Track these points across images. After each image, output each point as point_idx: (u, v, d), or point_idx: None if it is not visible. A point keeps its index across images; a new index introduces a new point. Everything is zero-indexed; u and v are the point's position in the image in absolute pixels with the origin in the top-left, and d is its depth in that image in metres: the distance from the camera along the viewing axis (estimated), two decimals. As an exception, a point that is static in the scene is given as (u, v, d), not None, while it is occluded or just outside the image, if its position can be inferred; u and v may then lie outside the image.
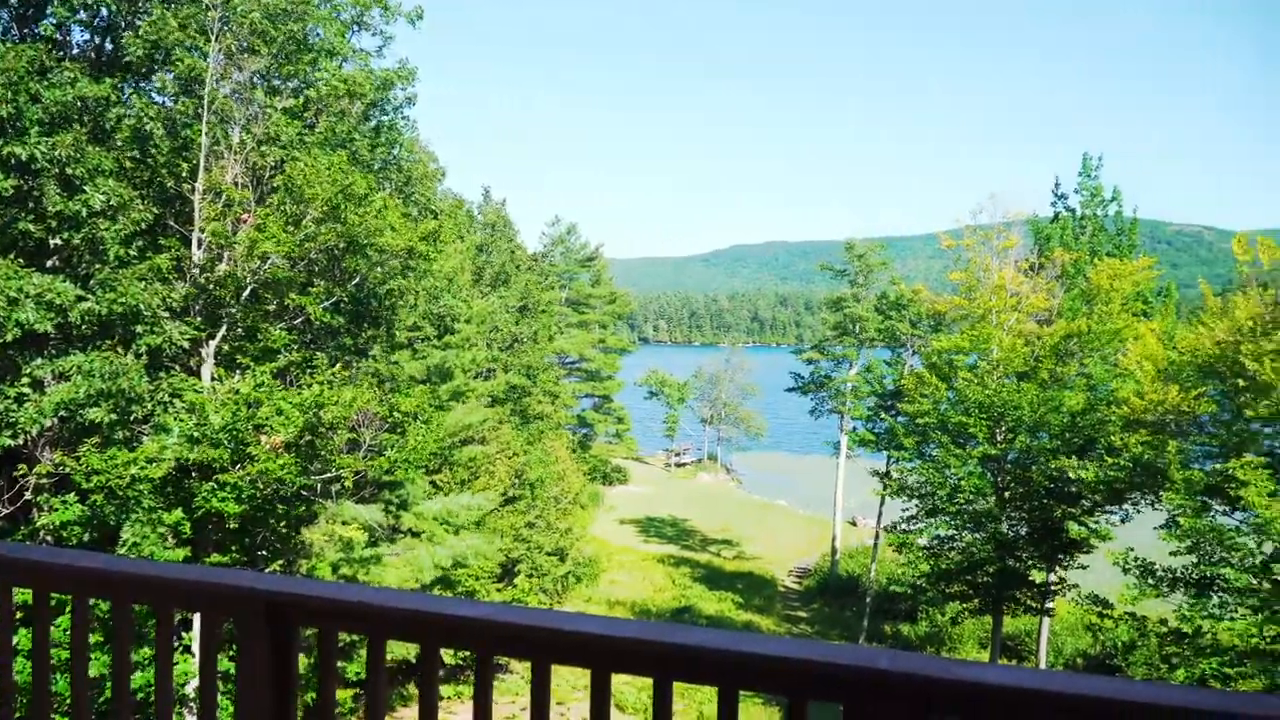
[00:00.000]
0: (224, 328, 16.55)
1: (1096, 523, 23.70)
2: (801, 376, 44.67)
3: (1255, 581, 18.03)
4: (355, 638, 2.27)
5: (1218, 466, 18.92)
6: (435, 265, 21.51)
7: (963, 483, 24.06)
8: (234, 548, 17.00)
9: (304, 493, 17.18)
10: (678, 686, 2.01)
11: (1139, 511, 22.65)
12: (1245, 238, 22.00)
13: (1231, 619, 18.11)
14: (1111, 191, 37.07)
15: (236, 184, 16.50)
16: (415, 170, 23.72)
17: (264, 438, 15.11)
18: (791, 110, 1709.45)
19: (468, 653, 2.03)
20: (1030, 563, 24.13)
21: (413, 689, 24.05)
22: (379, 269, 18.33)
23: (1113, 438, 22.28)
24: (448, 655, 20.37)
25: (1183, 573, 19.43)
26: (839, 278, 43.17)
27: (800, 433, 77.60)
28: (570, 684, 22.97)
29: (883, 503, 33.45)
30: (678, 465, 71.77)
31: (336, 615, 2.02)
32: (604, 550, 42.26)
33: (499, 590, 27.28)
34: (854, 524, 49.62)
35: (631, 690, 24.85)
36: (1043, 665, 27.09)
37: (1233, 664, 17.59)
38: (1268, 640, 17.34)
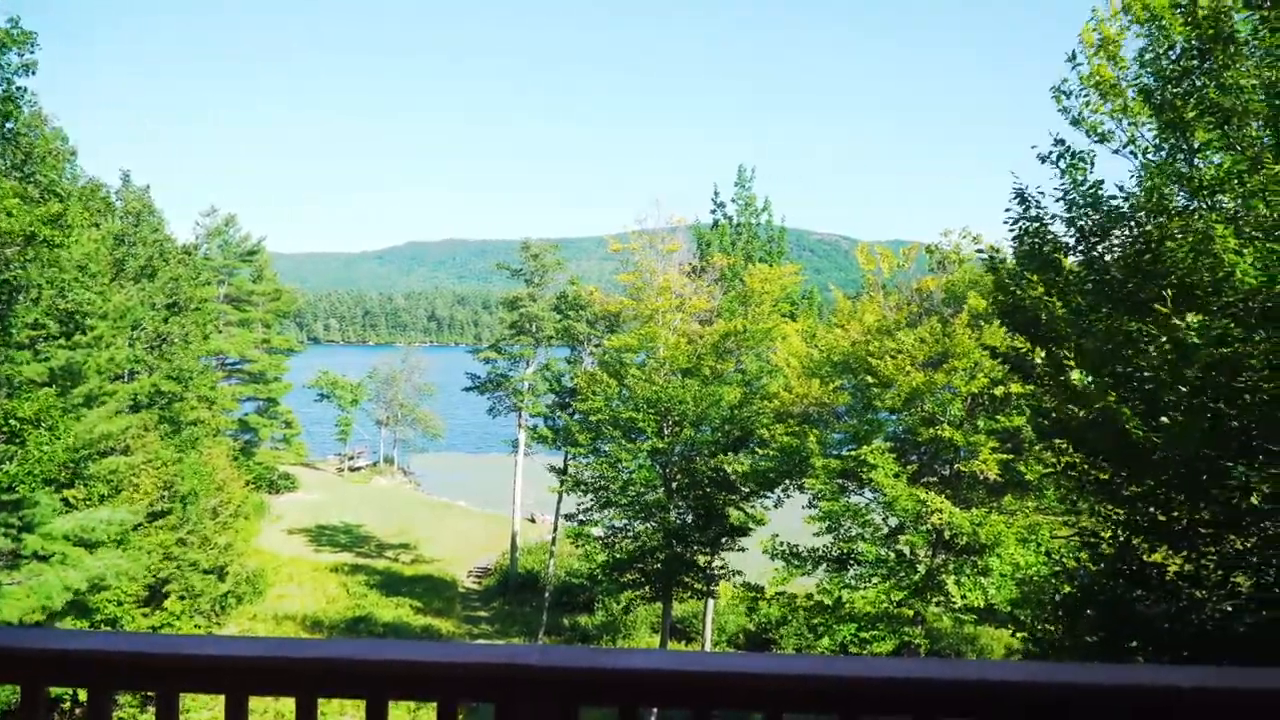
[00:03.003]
0: None
1: (753, 508, 25.60)
2: (479, 376, 44.34)
3: (884, 553, 20.30)
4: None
5: (851, 452, 21.08)
6: (63, 254, 18.80)
7: (634, 475, 24.99)
8: None
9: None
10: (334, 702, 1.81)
11: (788, 496, 24.76)
12: (868, 248, 24.76)
13: (865, 588, 20.26)
14: (763, 201, 40.27)
15: None
16: (37, 147, 20.53)
17: None
18: (469, 109, 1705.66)
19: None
20: (696, 549, 25.55)
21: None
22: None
23: (764, 429, 24.24)
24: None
25: (824, 550, 21.48)
26: (516, 277, 43.36)
27: (479, 432, 77.31)
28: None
29: (560, 498, 34.02)
30: (352, 469, 68.64)
31: None
32: (271, 563, 39.33)
33: (145, 615, 24.42)
34: (533, 520, 50.14)
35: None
36: (708, 644, 28.86)
37: (867, 628, 19.67)
38: (894, 604, 19.60)
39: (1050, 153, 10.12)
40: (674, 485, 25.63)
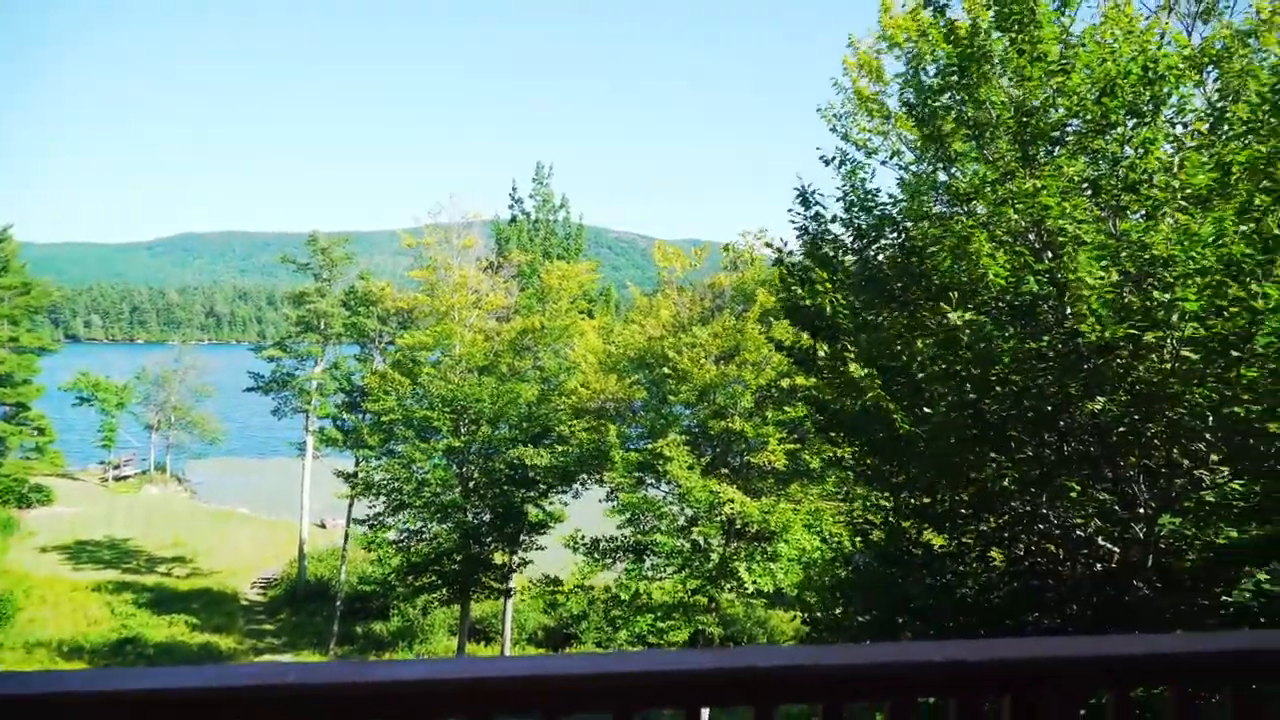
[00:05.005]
0: None
1: (551, 504, 25.63)
2: (262, 375, 41.94)
3: (680, 543, 20.86)
4: None
5: (649, 446, 21.54)
6: None
7: (429, 476, 24.43)
8: None
9: None
10: None
11: (587, 489, 24.98)
12: (664, 246, 25.39)
13: (662, 579, 20.76)
14: (561, 198, 40.42)
15: None
16: None
17: None
18: (250, 94, 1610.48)
19: None
20: (494, 547, 25.29)
21: None
22: None
23: (563, 425, 24.33)
24: None
25: (623, 542, 21.83)
26: (303, 271, 41.31)
27: (262, 435, 73.13)
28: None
29: (352, 502, 32.74)
30: (118, 479, 63.24)
31: None
32: (21, 585, 35.57)
33: None
34: (323, 526, 48.03)
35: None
36: (508, 644, 28.66)
37: (664, 618, 20.15)
38: (690, 593, 20.19)
39: (833, 158, 10.73)
40: (471, 484, 25.26)
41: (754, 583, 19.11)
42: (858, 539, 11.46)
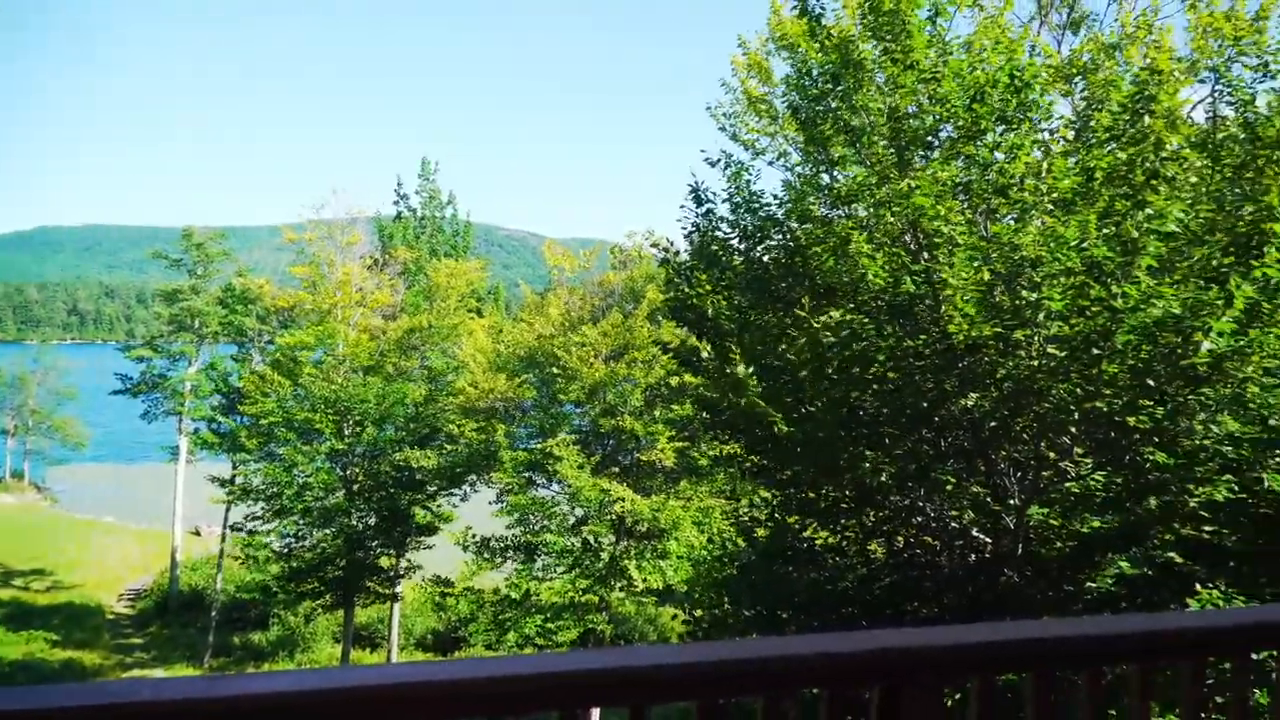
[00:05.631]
0: None
1: (440, 506, 25.18)
2: (131, 377, 39.82)
3: (570, 543, 20.78)
4: None
5: (538, 445, 21.39)
6: None
7: (311, 480, 23.66)
8: None
9: None
10: None
11: (476, 491, 24.62)
12: (554, 245, 25.33)
13: (552, 579, 20.64)
14: (449, 194, 39.77)
15: None
16: None
17: None
18: (115, 78, 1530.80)
19: None
20: (379, 551, 24.68)
21: None
22: None
23: (451, 425, 23.93)
24: None
25: (514, 540, 21.61)
26: (175, 268, 39.40)
27: (131, 439, 69.58)
28: None
29: (229, 508, 31.45)
30: (-32, 488, 59.29)
31: None
32: None
33: None
34: (198, 534, 46.01)
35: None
36: (394, 649, 28.02)
37: (554, 618, 20.03)
38: (580, 593, 20.13)
39: (718, 159, 10.82)
40: (355, 487, 24.58)
41: (644, 580, 19.19)
42: (741, 538, 11.62)
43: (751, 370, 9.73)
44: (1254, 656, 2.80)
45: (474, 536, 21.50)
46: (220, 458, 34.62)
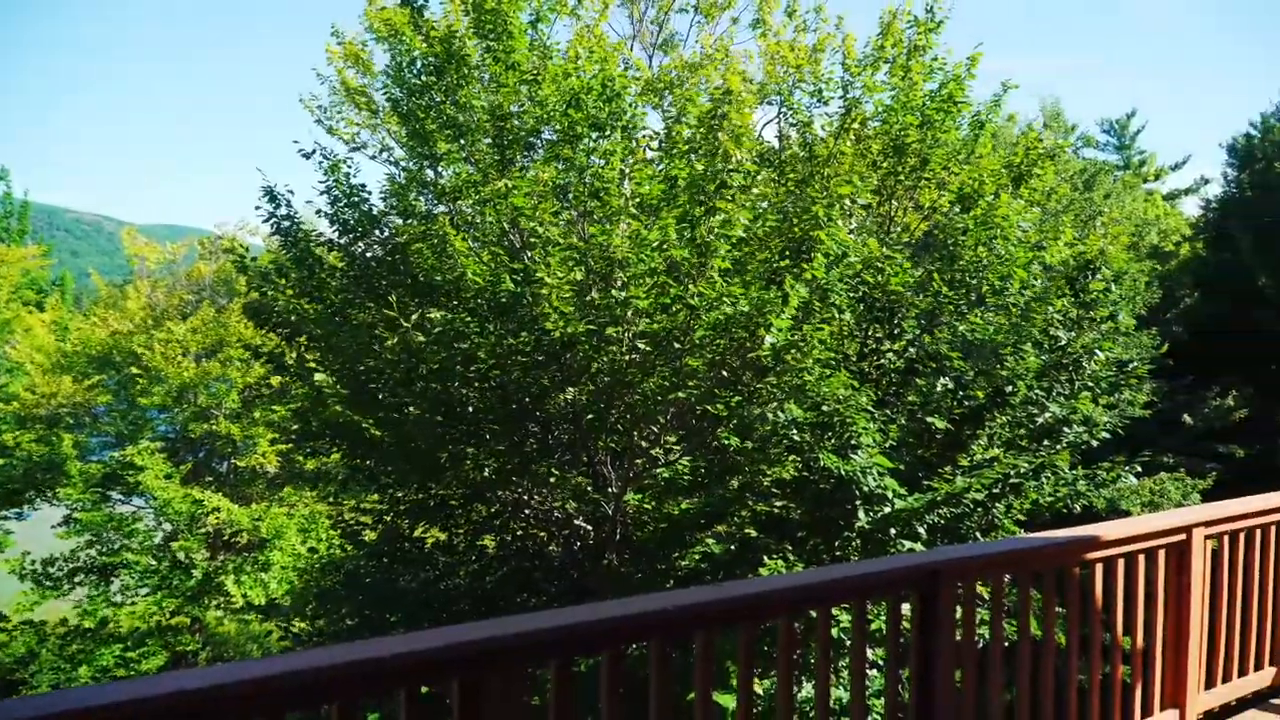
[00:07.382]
0: None
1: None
2: None
3: (155, 562, 18.68)
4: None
5: (115, 455, 19.03)
6: None
7: None
8: None
9: None
10: None
11: (36, 509, 21.37)
12: (134, 232, 22.75)
13: (134, 603, 18.46)
14: (-5, 167, 34.11)
15: None
16: None
17: None
18: None
19: None
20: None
21: None
22: None
23: (4, 436, 20.51)
24: None
25: (86, 562, 18.99)
26: None
27: None
28: None
29: None
30: None
31: None
32: None
33: None
34: None
35: None
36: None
37: (136, 646, 17.92)
38: (168, 615, 18.21)
39: (312, 151, 10.18)
40: None
41: (243, 595, 17.81)
42: (348, 546, 11.21)
43: (336, 379, 9.30)
44: (812, 615, 3.30)
45: (32, 563, 18.61)
46: None
